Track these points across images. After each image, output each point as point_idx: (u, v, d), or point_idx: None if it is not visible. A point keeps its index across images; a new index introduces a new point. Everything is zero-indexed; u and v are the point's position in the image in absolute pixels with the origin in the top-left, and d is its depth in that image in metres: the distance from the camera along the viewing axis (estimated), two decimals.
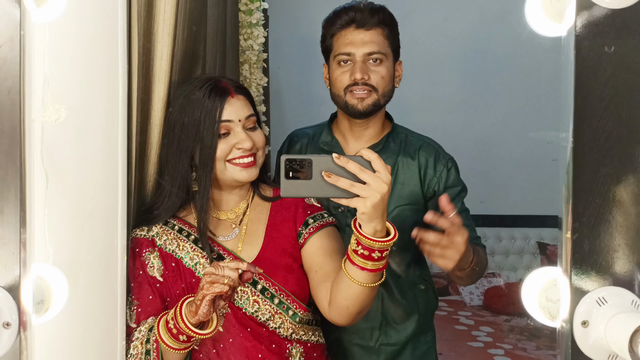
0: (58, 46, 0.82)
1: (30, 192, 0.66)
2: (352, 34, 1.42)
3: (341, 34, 1.43)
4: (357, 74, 1.39)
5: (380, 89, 1.42)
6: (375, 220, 0.94)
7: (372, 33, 1.41)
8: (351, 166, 0.91)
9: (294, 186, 0.91)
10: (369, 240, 0.97)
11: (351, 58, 1.41)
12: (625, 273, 0.61)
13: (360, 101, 1.41)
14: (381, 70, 1.42)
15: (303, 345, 1.19)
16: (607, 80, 0.59)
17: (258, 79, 1.85)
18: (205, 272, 1.00)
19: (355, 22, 1.41)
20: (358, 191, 0.91)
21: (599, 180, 0.60)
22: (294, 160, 0.91)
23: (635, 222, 0.61)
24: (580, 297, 0.61)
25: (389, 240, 0.98)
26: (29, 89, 0.67)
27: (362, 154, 0.92)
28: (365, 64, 1.41)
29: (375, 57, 1.41)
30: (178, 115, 1.15)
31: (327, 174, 0.91)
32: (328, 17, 1.48)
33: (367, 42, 1.41)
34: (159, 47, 1.19)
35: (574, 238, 0.59)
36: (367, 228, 0.96)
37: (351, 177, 0.91)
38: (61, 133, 0.83)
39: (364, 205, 0.91)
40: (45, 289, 0.69)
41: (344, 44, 1.42)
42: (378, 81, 1.41)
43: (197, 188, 1.16)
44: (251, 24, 1.79)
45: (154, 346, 1.09)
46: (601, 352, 0.60)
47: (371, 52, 1.41)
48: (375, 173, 0.92)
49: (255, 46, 1.81)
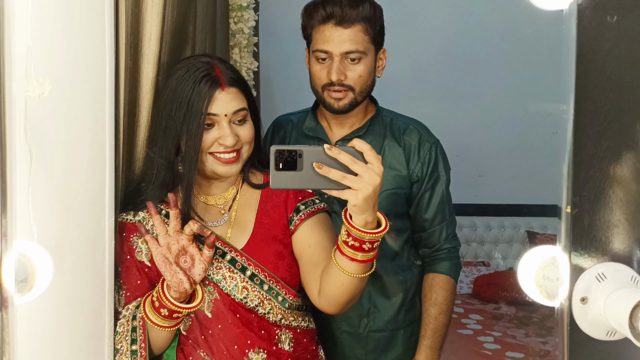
0: (41, 18, 0.79)
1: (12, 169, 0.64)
2: (330, 30, 1.37)
3: (320, 29, 1.38)
4: (333, 75, 1.37)
5: (358, 87, 1.39)
6: (366, 212, 0.93)
7: (351, 31, 1.36)
8: (343, 157, 0.89)
9: (283, 177, 0.90)
10: (360, 232, 0.95)
11: (328, 56, 1.38)
12: (624, 249, 0.60)
13: (337, 101, 1.40)
14: (359, 68, 1.38)
15: (292, 331, 1.18)
16: (609, 50, 0.58)
17: (248, 63, 1.83)
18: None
19: (334, 19, 1.36)
20: (350, 183, 0.89)
21: (600, 153, 0.58)
22: (284, 151, 0.89)
23: (635, 197, 0.60)
24: (579, 274, 0.60)
25: (380, 231, 0.96)
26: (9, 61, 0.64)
27: (354, 144, 0.90)
28: (342, 63, 1.37)
29: (354, 57, 1.37)
30: (167, 98, 1.12)
31: (318, 165, 0.89)
32: (307, 7, 1.42)
33: (346, 40, 1.36)
34: (147, 27, 1.16)
35: (573, 213, 0.58)
36: (358, 220, 0.94)
37: (343, 168, 0.89)
38: (46, 108, 0.80)
39: (356, 198, 0.90)
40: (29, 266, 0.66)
41: (321, 40, 1.38)
42: (355, 80, 1.38)
43: (182, 171, 1.14)
44: (241, 7, 1.77)
45: (140, 323, 1.09)
46: (600, 328, 0.59)
47: (349, 50, 1.37)
48: (367, 164, 0.90)
49: (245, 29, 1.79)
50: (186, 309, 1.07)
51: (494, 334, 3.18)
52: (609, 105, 0.58)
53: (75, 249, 0.91)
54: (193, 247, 1.07)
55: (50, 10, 0.83)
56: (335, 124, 1.49)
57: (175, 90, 1.11)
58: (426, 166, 1.45)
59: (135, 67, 1.15)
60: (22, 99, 0.73)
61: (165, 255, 1.06)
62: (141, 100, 1.18)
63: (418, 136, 1.47)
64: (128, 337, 1.09)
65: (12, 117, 0.66)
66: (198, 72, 1.11)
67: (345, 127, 1.49)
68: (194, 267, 1.07)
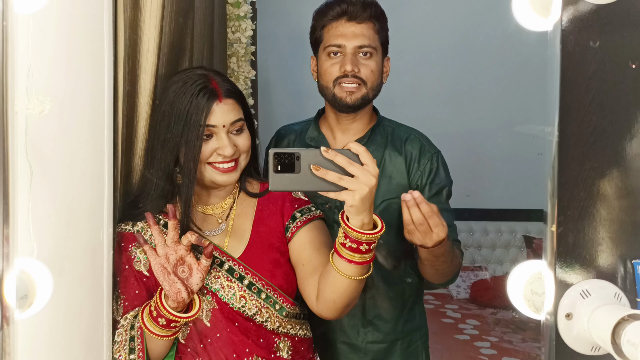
0: (42, 37, 0.81)
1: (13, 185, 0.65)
2: (343, 26, 1.42)
3: (332, 26, 1.43)
4: (348, 66, 1.40)
5: (370, 82, 1.42)
6: (363, 213, 0.95)
7: (363, 26, 1.42)
8: (339, 159, 0.92)
9: (282, 180, 0.92)
10: (357, 233, 0.97)
11: (341, 50, 1.41)
12: (608, 266, 0.62)
13: (350, 94, 1.41)
14: (371, 63, 1.42)
15: (290, 339, 1.19)
16: (592, 74, 0.60)
17: (246, 71, 1.85)
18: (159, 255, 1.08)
19: (347, 15, 1.42)
20: (346, 184, 0.92)
21: (584, 173, 0.60)
22: (282, 154, 0.92)
23: (618, 215, 0.61)
24: (565, 290, 0.62)
25: (377, 232, 0.99)
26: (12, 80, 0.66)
27: (350, 147, 0.93)
28: (355, 57, 1.41)
29: (366, 51, 1.41)
30: (165, 111, 1.14)
31: (316, 167, 0.91)
32: (319, 9, 1.47)
33: (358, 35, 1.41)
34: (145, 39, 1.17)
35: (558, 231, 0.60)
36: (354, 221, 0.97)
37: (339, 170, 0.92)
38: (46, 125, 0.82)
39: (353, 198, 0.92)
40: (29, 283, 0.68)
41: (334, 35, 1.42)
42: (367, 74, 1.42)
43: (181, 183, 1.15)
44: (239, 17, 1.78)
45: (138, 332, 1.10)
46: (584, 344, 0.61)
47: (362, 45, 1.41)
48: (363, 166, 0.93)
49: (243, 39, 1.80)
50: (184, 318, 1.09)
51: (491, 339, 3.19)
52: (592, 126, 0.60)
53: (74, 262, 0.92)
54: (191, 256, 1.09)
55: (50, 27, 0.84)
56: (339, 131, 1.50)
57: (172, 103, 1.12)
58: (426, 175, 1.46)
59: (133, 79, 1.17)
60: (23, 117, 0.75)
61: (163, 265, 1.07)
62: (139, 111, 1.19)
63: (419, 146, 1.49)
64: (126, 346, 1.10)
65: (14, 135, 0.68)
66: (195, 85, 1.12)
67: (349, 135, 1.50)
68: (192, 277, 1.08)
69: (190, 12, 1.35)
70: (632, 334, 0.54)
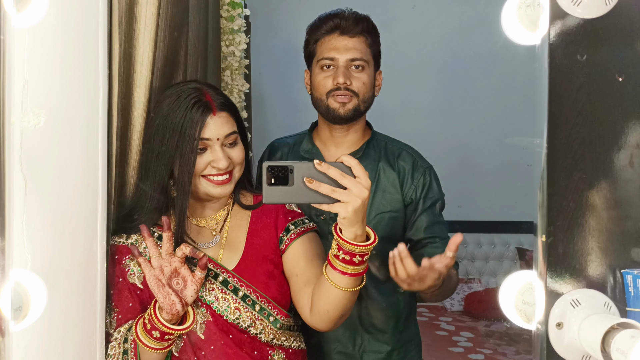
0: (38, 51, 0.82)
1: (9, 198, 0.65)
2: (336, 39, 1.45)
3: (325, 40, 1.47)
4: (340, 78, 1.42)
5: (362, 94, 1.45)
6: (356, 225, 0.96)
7: (355, 40, 1.45)
8: (332, 172, 0.93)
9: (276, 192, 0.93)
10: (350, 245, 0.98)
11: (334, 63, 1.44)
12: (598, 276, 0.63)
13: (342, 105, 1.43)
14: (363, 76, 1.45)
15: (285, 351, 1.19)
16: (579, 87, 0.61)
17: (240, 85, 1.86)
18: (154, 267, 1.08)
19: (339, 29, 1.45)
20: (339, 196, 0.93)
21: (573, 184, 0.61)
22: (276, 166, 0.92)
23: (607, 225, 0.62)
24: (555, 300, 0.63)
25: (369, 244, 1.00)
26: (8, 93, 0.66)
27: (343, 160, 0.95)
28: (347, 70, 1.44)
29: (358, 64, 1.44)
30: (159, 124, 1.14)
31: (309, 180, 0.92)
32: (313, 23, 1.51)
33: (351, 48, 1.44)
34: (139, 53, 1.18)
35: (548, 242, 0.61)
36: (348, 233, 0.98)
37: (332, 182, 0.93)
38: (41, 138, 0.82)
39: (346, 210, 0.93)
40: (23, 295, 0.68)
41: (327, 49, 1.45)
42: (359, 87, 1.44)
43: (176, 195, 1.16)
44: (233, 31, 1.79)
45: (131, 346, 1.10)
46: (575, 353, 0.62)
47: (354, 58, 1.44)
48: (355, 178, 0.94)
49: (237, 52, 1.81)
50: (178, 330, 1.08)
51: (485, 352, 3.19)
52: (581, 138, 0.61)
53: (67, 274, 0.92)
54: (185, 268, 1.09)
55: (46, 41, 0.85)
56: (332, 145, 1.52)
57: (167, 116, 1.13)
58: (419, 190, 1.49)
59: (128, 92, 1.17)
60: (18, 130, 0.75)
61: (157, 277, 1.07)
62: (133, 124, 1.19)
63: (412, 161, 1.51)
64: (120, 359, 1.10)
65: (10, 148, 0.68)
66: (189, 98, 1.13)
67: (342, 148, 1.51)
68: (186, 289, 1.08)
69: (184, 26, 1.36)
70: (622, 343, 0.55)
